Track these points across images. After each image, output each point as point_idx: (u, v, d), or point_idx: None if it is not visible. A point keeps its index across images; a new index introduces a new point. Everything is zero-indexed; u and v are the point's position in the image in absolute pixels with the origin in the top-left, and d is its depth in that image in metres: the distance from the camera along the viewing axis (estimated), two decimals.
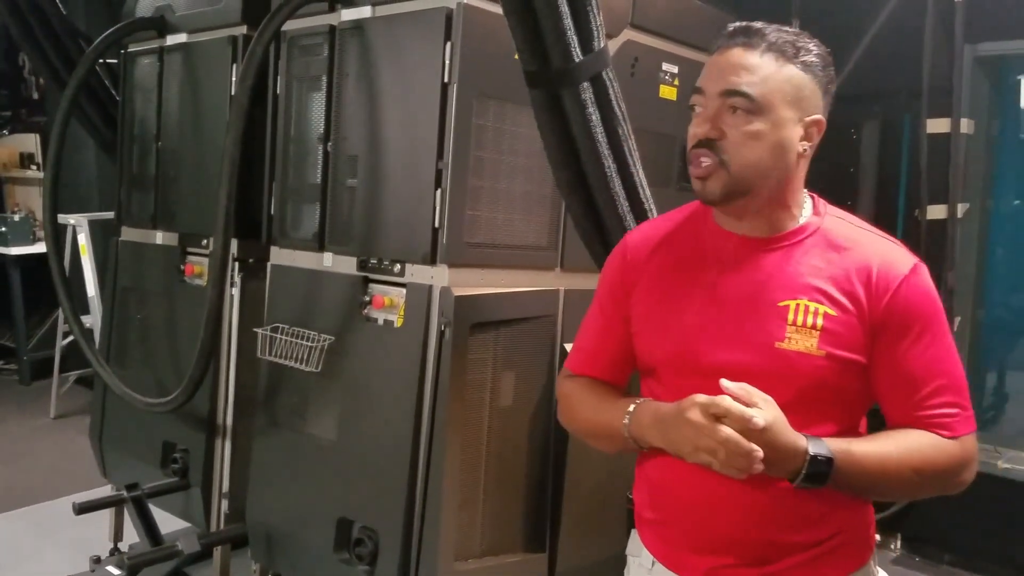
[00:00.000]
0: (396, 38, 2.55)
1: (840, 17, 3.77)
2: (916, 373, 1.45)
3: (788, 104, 1.45)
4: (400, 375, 2.49)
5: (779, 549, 1.49)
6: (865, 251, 1.49)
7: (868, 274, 1.45)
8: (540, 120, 2.04)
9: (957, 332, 3.83)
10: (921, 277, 1.48)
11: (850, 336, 1.44)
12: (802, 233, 1.52)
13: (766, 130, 1.44)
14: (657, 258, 1.62)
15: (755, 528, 1.48)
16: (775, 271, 1.49)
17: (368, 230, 2.61)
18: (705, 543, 1.53)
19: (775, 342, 1.44)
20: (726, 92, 1.45)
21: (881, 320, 1.44)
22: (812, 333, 1.43)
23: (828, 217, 1.55)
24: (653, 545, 1.64)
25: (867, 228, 1.56)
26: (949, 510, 3.77)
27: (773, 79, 1.44)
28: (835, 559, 1.52)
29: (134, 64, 3.50)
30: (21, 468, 5.01)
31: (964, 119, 3.70)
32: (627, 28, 2.89)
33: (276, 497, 2.83)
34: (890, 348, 1.45)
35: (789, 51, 1.46)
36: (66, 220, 5.62)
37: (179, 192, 3.32)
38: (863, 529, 1.58)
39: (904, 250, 1.52)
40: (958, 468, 1.46)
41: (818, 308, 1.44)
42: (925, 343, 1.45)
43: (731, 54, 1.46)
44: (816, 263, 1.48)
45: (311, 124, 2.80)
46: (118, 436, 3.54)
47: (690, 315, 1.53)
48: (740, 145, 1.44)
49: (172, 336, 3.32)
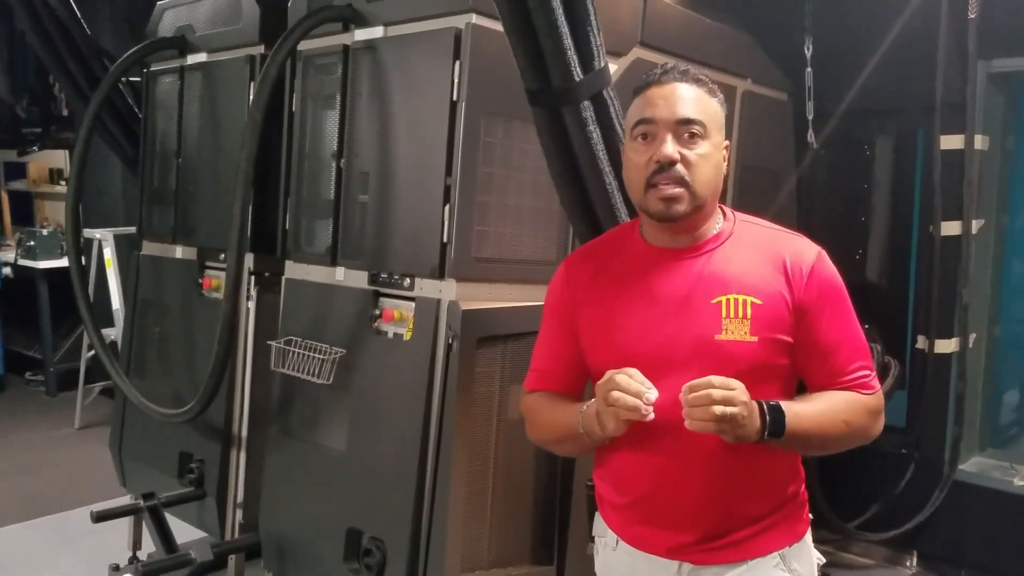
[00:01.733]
0: (407, 58, 2.60)
1: (853, 34, 3.79)
2: (832, 343, 1.68)
3: (718, 130, 1.68)
4: (408, 387, 2.53)
5: (733, 520, 1.68)
6: (775, 246, 1.70)
7: (783, 265, 1.66)
8: (542, 137, 2.09)
9: (972, 349, 3.82)
10: (826, 261, 1.70)
11: (777, 319, 1.64)
12: (720, 239, 1.72)
13: (711, 152, 1.65)
14: (595, 276, 1.78)
15: (710, 501, 1.66)
16: (703, 274, 1.68)
17: (379, 245, 2.66)
18: (665, 519, 1.70)
19: (714, 335, 1.63)
20: (682, 120, 1.63)
21: (802, 301, 1.65)
22: (744, 322, 1.63)
23: (738, 222, 1.75)
24: (616, 525, 1.79)
25: (773, 227, 1.77)
26: (965, 527, 3.76)
27: (709, 108, 1.66)
28: (778, 532, 1.72)
29: (156, 82, 3.59)
30: (45, 477, 5.10)
31: (978, 135, 3.69)
32: (636, 46, 2.93)
33: (288, 507, 2.88)
34: (811, 324, 1.66)
35: (709, 86, 1.69)
36: (92, 234, 5.74)
37: (198, 207, 3.39)
38: (800, 507, 1.78)
39: (807, 240, 1.73)
40: (876, 418, 1.72)
41: (746, 299, 1.64)
42: (838, 317, 1.69)
43: (673, 88, 1.65)
44: (737, 262, 1.68)
45: (325, 141, 2.86)
46: (137, 446, 3.60)
47: (632, 322, 1.69)
48: (696, 166, 1.63)
49: (190, 348, 3.38)
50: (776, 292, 1.64)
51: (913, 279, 4.01)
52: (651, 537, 1.72)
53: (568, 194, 2.15)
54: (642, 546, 1.74)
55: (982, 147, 3.73)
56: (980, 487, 3.76)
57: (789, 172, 3.87)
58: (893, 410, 3.84)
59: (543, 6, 1.87)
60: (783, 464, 1.73)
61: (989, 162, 3.81)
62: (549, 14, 1.88)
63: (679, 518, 1.68)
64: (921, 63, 3.70)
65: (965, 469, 3.82)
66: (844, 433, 1.67)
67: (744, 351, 1.62)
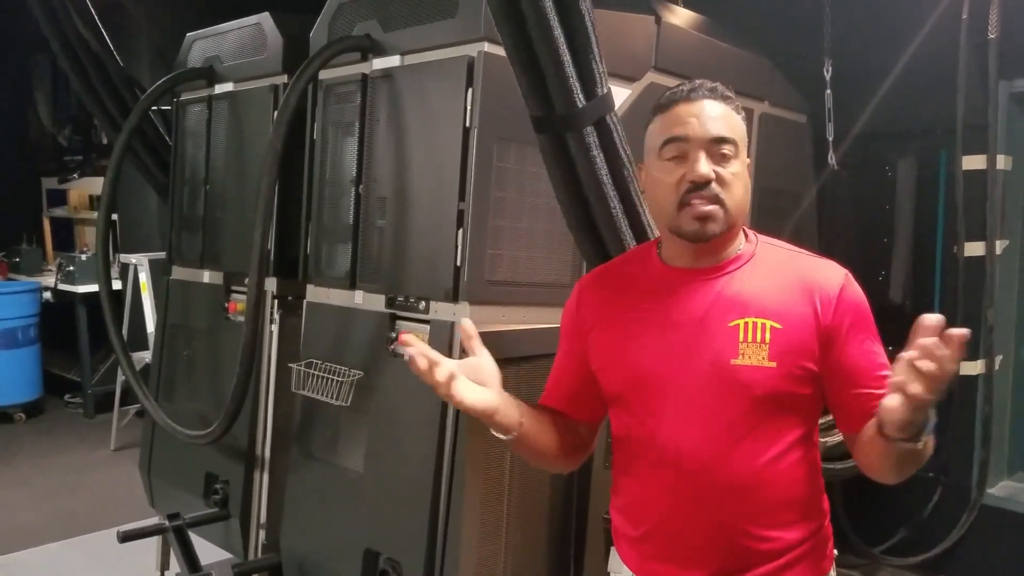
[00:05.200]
0: (422, 85, 2.66)
1: (873, 56, 3.79)
2: (863, 366, 1.59)
3: (745, 147, 1.64)
4: (423, 410, 2.56)
5: (750, 555, 1.60)
6: (800, 270, 1.64)
7: (809, 289, 1.60)
8: (547, 163, 2.12)
9: (999, 371, 3.78)
10: (853, 285, 1.63)
11: (800, 346, 1.57)
12: (740, 260, 1.66)
13: (742, 171, 1.62)
14: (609, 298, 1.75)
15: (725, 534, 1.60)
16: (721, 296, 1.62)
17: (395, 268, 2.71)
18: (680, 553, 1.64)
19: (730, 359, 1.57)
20: (716, 139, 1.58)
21: (830, 327, 1.58)
22: (762, 347, 1.56)
23: (760, 244, 1.70)
24: (632, 560, 1.74)
25: (796, 250, 1.72)
26: (993, 551, 3.70)
27: (738, 126, 1.63)
28: (800, 569, 1.64)
29: (185, 112, 3.69)
30: (80, 498, 5.21)
31: (1001, 155, 3.67)
32: (651, 71, 2.96)
33: (308, 528, 2.92)
34: (840, 350, 1.58)
35: (736, 103, 1.65)
36: (128, 259, 5.88)
37: (224, 233, 3.47)
38: (824, 541, 1.70)
39: (833, 263, 1.67)
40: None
41: (765, 323, 1.57)
42: (867, 341, 1.61)
43: (704, 105, 1.60)
44: (757, 284, 1.62)
45: (344, 167, 2.93)
46: (165, 467, 3.67)
47: (646, 344, 1.65)
48: (731, 185, 1.59)
49: (216, 371, 3.45)
50: (800, 317, 1.58)
51: (938, 300, 3.97)
52: (667, 573, 1.67)
53: (574, 218, 2.18)
54: None
55: (1005, 167, 3.70)
56: (1008, 511, 3.70)
57: (809, 194, 3.87)
58: None
59: (545, 35, 1.90)
60: (807, 497, 1.65)
61: (1013, 182, 3.78)
62: (551, 43, 1.91)
63: (694, 551, 1.63)
64: (942, 84, 3.69)
65: (993, 493, 3.76)
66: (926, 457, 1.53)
67: (761, 377, 1.55)
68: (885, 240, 4.04)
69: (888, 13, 3.78)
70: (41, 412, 7.05)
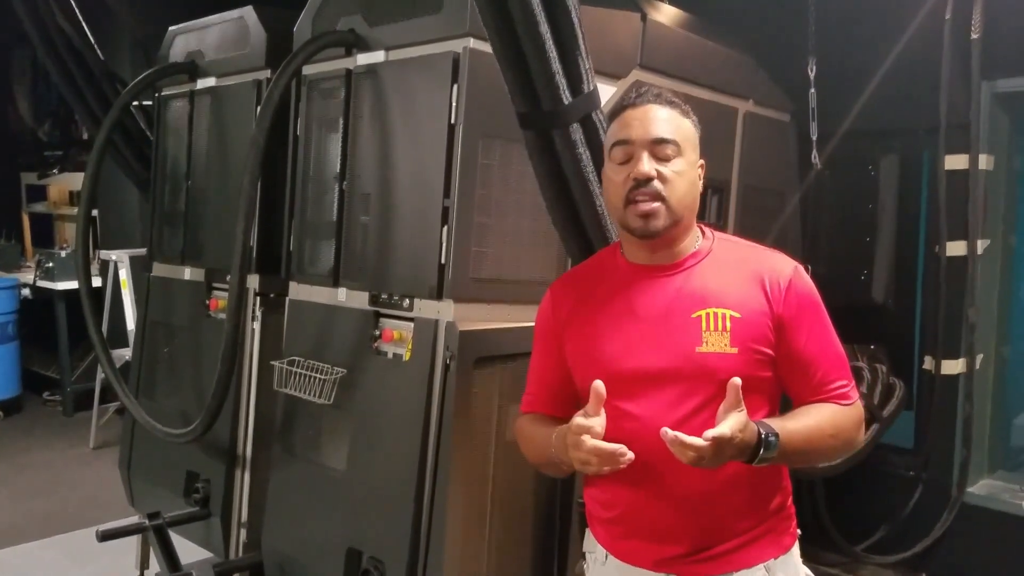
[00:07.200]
0: (407, 81, 2.64)
1: (857, 55, 3.80)
2: (812, 355, 1.73)
3: (692, 148, 1.75)
4: (407, 408, 2.55)
5: (718, 533, 1.72)
6: (753, 263, 1.77)
7: (762, 280, 1.72)
8: (533, 160, 2.12)
9: (980, 370, 3.80)
10: (803, 276, 1.77)
11: (757, 332, 1.69)
12: (699, 256, 1.78)
13: (686, 169, 1.72)
14: (579, 299, 1.84)
15: (694, 513, 1.71)
16: (683, 289, 1.74)
17: (379, 265, 2.69)
18: (651, 532, 1.74)
19: (695, 347, 1.68)
20: (657, 139, 1.70)
21: (781, 315, 1.71)
22: (724, 334, 1.68)
23: (717, 240, 1.82)
24: (605, 540, 1.83)
25: (750, 244, 1.84)
26: (974, 549, 3.73)
27: (683, 128, 1.74)
28: (764, 544, 1.76)
29: (167, 107, 3.65)
30: (59, 496, 5.16)
31: (983, 155, 3.68)
32: (636, 68, 2.96)
33: (290, 526, 2.90)
34: (791, 337, 1.72)
35: (683, 107, 1.76)
36: (108, 256, 5.83)
37: (206, 229, 3.44)
38: (786, 520, 1.82)
39: (784, 256, 1.80)
40: (859, 427, 1.78)
41: (725, 312, 1.69)
42: (816, 330, 1.74)
43: (648, 109, 1.72)
44: (716, 278, 1.74)
45: (328, 164, 2.91)
46: (145, 466, 3.64)
47: (615, 339, 1.75)
48: (672, 183, 1.70)
49: (197, 368, 3.42)
50: (756, 306, 1.70)
51: (919, 299, 4.00)
52: (638, 550, 1.76)
53: (559, 216, 2.18)
54: (630, 559, 1.78)
55: (987, 167, 3.72)
56: (989, 510, 3.72)
57: (792, 192, 3.87)
58: (900, 432, 3.84)
59: (532, 31, 1.91)
60: (767, 477, 1.76)
61: (995, 182, 3.80)
62: (537, 39, 1.91)
63: (664, 530, 1.73)
64: (925, 83, 3.71)
65: (974, 491, 3.78)
66: (831, 446, 1.73)
67: (725, 363, 1.66)
68: (868, 239, 4.06)
69: (872, 13, 3.79)
70: (19, 410, 6.98)
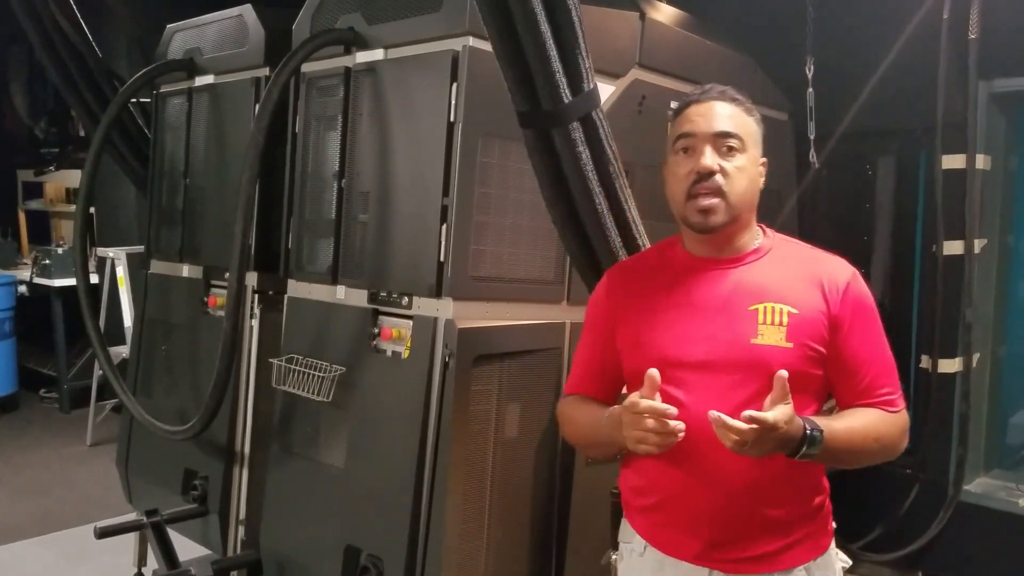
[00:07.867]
0: (406, 79, 2.64)
1: (855, 55, 3.80)
2: (862, 359, 1.76)
3: (755, 145, 1.79)
4: (406, 406, 2.55)
5: (758, 527, 1.73)
6: (813, 264, 1.80)
7: (820, 282, 1.75)
8: (533, 159, 2.12)
9: (977, 369, 3.81)
10: (860, 281, 1.80)
11: (812, 329, 1.72)
12: (759, 253, 1.82)
13: (747, 165, 1.75)
14: (636, 286, 1.87)
15: (734, 504, 1.72)
16: (742, 283, 1.77)
17: (378, 263, 2.69)
18: (692, 520, 1.75)
19: (750, 339, 1.71)
20: (721, 134, 1.73)
21: (836, 316, 1.74)
22: (780, 329, 1.70)
23: (777, 240, 1.86)
24: (644, 529, 1.85)
25: (810, 247, 1.88)
26: (970, 548, 3.74)
27: (746, 125, 1.77)
28: (805, 547, 1.78)
29: (165, 104, 3.65)
30: (56, 494, 5.15)
31: (980, 155, 3.68)
32: (635, 67, 2.96)
33: (288, 524, 2.90)
34: (843, 340, 1.74)
35: (746, 105, 1.80)
36: (106, 253, 5.82)
37: (204, 226, 3.44)
38: (825, 518, 1.85)
39: (843, 261, 1.83)
40: (903, 435, 1.79)
41: (783, 308, 1.72)
42: (868, 335, 1.77)
43: (713, 105, 1.76)
44: (775, 274, 1.77)
45: (327, 162, 2.90)
46: (143, 463, 3.64)
47: (671, 327, 1.77)
48: (733, 178, 1.73)
49: (195, 366, 3.42)
50: (813, 304, 1.73)
51: (916, 299, 4.00)
52: (678, 542, 1.78)
53: (559, 214, 2.18)
54: (670, 551, 1.79)
55: (984, 167, 3.72)
56: (985, 508, 3.72)
57: (790, 192, 3.88)
58: None
59: (532, 30, 1.91)
60: (809, 474, 1.78)
61: (992, 182, 3.80)
62: (538, 37, 1.91)
63: (703, 518, 1.74)
64: (922, 83, 3.70)
65: (970, 490, 3.79)
66: (874, 450, 1.75)
67: (779, 356, 1.68)
68: (865, 238, 4.07)
69: (870, 13, 3.79)
70: (16, 407, 6.96)
